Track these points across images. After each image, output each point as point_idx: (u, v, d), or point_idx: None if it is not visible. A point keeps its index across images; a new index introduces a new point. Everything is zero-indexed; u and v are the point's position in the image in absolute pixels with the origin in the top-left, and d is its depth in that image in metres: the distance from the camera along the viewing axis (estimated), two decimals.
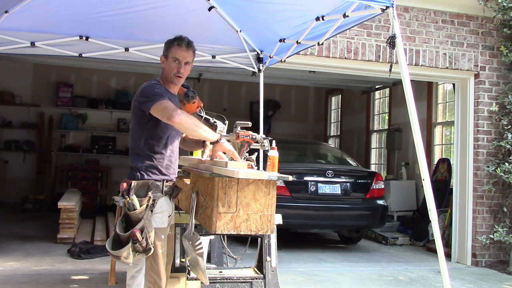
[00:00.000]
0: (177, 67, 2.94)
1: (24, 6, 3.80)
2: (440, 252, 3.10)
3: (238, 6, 4.24)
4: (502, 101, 6.57)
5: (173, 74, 2.95)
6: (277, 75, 8.41)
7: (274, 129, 12.11)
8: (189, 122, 2.72)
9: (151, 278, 2.77)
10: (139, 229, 2.66)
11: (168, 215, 2.95)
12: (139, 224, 2.68)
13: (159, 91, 2.81)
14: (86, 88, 11.23)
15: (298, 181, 6.72)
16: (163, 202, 2.86)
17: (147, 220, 2.71)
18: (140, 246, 2.67)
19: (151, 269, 2.78)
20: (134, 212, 2.71)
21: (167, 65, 2.96)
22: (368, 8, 3.39)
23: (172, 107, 2.72)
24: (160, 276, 2.78)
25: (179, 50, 2.93)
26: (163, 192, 2.86)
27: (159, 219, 2.81)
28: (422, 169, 3.17)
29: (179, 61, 2.93)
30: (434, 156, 8.64)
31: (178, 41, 2.94)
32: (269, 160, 3.01)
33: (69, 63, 8.04)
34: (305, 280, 5.33)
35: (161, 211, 2.83)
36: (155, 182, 2.84)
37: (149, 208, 2.74)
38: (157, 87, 2.85)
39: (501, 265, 6.46)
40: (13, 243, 6.46)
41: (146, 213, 2.72)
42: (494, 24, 6.66)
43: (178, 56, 2.93)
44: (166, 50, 2.97)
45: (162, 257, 2.80)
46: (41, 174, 10.43)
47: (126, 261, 2.71)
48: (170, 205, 2.96)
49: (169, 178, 2.91)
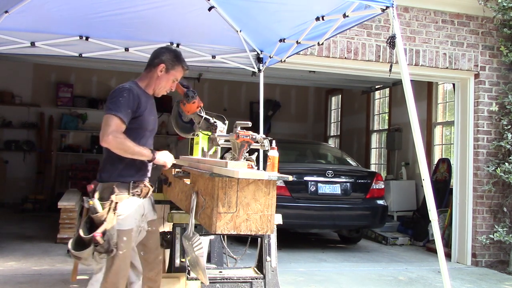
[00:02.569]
0: (172, 86, 3.01)
1: (24, 6, 3.80)
2: (440, 252, 3.10)
3: (238, 6, 4.24)
4: (502, 101, 6.57)
5: (165, 89, 3.01)
6: (277, 75, 8.41)
7: (274, 129, 12.12)
8: (118, 149, 2.73)
9: (109, 278, 2.79)
10: (101, 232, 2.68)
11: (141, 214, 2.93)
12: (101, 227, 2.70)
13: (121, 102, 2.76)
14: (86, 88, 11.23)
15: (298, 181, 6.72)
16: (129, 203, 2.85)
17: (109, 223, 2.73)
18: (102, 248, 2.70)
19: (109, 269, 2.80)
20: (96, 215, 2.73)
21: (165, 78, 2.97)
22: (368, 8, 3.39)
23: (111, 129, 2.69)
24: (118, 276, 2.79)
25: (182, 73, 3.01)
26: (130, 193, 2.86)
27: (122, 221, 2.80)
28: (422, 169, 3.17)
29: (175, 82, 3.01)
30: (434, 156, 8.64)
31: (185, 65, 3.01)
32: (269, 160, 3.01)
33: (69, 63, 8.04)
34: (305, 280, 5.34)
35: (125, 213, 2.82)
36: (121, 184, 2.84)
37: (112, 211, 2.75)
38: (123, 96, 2.79)
39: (501, 265, 6.45)
40: (13, 243, 6.46)
41: (108, 216, 2.73)
42: (494, 24, 6.66)
43: (179, 77, 3.01)
44: (171, 65, 2.96)
45: (122, 258, 2.80)
46: (41, 174, 10.43)
47: (86, 262, 2.77)
48: (141, 205, 2.94)
49: (137, 179, 2.91)
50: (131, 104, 2.79)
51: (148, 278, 3.05)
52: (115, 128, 2.71)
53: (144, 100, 2.90)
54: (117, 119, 2.72)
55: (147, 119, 2.92)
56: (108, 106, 2.77)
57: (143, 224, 2.99)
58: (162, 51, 3.02)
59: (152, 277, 3.06)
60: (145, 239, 3.03)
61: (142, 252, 3.04)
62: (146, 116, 2.90)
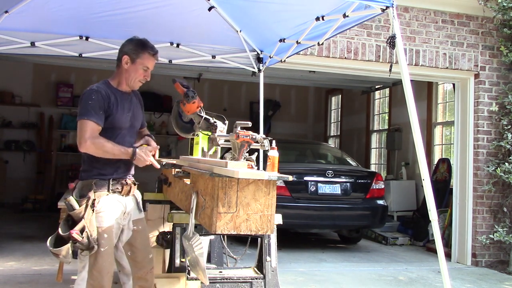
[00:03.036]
0: (144, 74, 2.95)
1: (24, 6, 3.80)
2: (440, 252, 3.10)
3: (238, 6, 4.24)
4: (502, 101, 6.57)
5: (138, 79, 2.95)
6: (277, 75, 8.40)
7: (274, 129, 12.11)
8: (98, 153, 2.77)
9: (93, 275, 2.80)
10: (79, 229, 2.70)
11: (122, 211, 2.93)
12: (78, 224, 2.73)
13: (90, 105, 2.79)
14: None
15: (298, 181, 6.72)
16: (108, 200, 2.85)
17: (88, 219, 2.74)
18: (82, 245, 2.72)
19: (93, 267, 2.81)
20: (74, 212, 2.76)
21: (132, 69, 2.93)
22: (368, 8, 3.39)
23: (87, 134, 2.73)
24: (102, 273, 2.79)
25: (151, 60, 2.94)
26: (110, 190, 2.87)
27: (101, 218, 2.80)
28: (422, 169, 3.17)
29: (148, 70, 2.95)
30: (434, 156, 8.64)
31: (151, 50, 2.94)
32: (269, 160, 3.01)
33: (69, 63, 8.04)
34: (305, 280, 5.33)
35: (104, 210, 2.82)
36: (100, 181, 2.85)
37: (90, 208, 2.77)
38: (92, 99, 2.81)
39: (501, 265, 6.45)
40: (13, 243, 6.46)
41: (86, 213, 2.75)
42: (494, 24, 6.66)
43: (149, 65, 2.94)
44: (135, 54, 2.92)
45: (105, 255, 2.80)
46: (41, 174, 10.42)
47: (65, 259, 2.79)
48: (121, 202, 2.93)
49: (116, 177, 2.91)
50: (101, 104, 2.81)
51: (138, 277, 3.04)
52: (90, 132, 2.75)
53: (114, 99, 2.89)
54: (91, 122, 2.76)
55: (119, 118, 2.89)
56: (79, 111, 2.80)
57: (125, 222, 2.98)
58: (125, 43, 3.00)
59: (142, 276, 3.04)
60: (132, 238, 3.02)
61: (129, 252, 3.03)
62: (118, 115, 2.88)
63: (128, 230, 3.01)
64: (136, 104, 3.09)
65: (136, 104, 3.09)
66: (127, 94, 3.01)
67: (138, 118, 3.11)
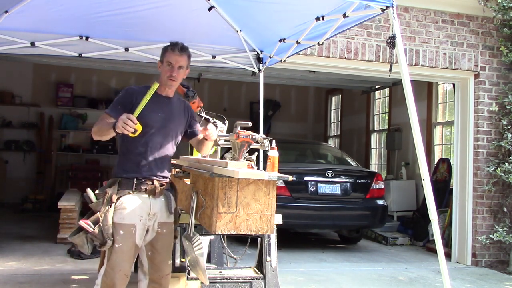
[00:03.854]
0: (170, 71, 3.01)
1: (24, 6, 3.80)
2: (440, 252, 3.10)
3: (238, 6, 4.24)
4: (502, 101, 6.57)
5: (166, 77, 3.02)
6: (277, 75, 8.40)
7: (274, 129, 12.11)
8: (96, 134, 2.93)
9: (106, 271, 2.87)
10: (91, 221, 2.80)
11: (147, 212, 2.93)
12: (92, 216, 2.83)
13: (116, 99, 3.02)
14: (86, 88, 11.23)
15: (298, 181, 6.71)
16: (130, 199, 2.88)
17: (102, 213, 2.81)
18: (95, 238, 2.81)
19: (107, 263, 2.88)
20: (92, 205, 2.87)
21: (162, 69, 3.06)
22: (368, 8, 3.39)
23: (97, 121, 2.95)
24: (114, 270, 2.83)
25: (173, 55, 3.02)
26: (133, 190, 2.89)
27: (120, 215, 2.84)
28: (422, 169, 3.17)
29: (172, 65, 3.01)
30: (434, 156, 8.64)
31: (172, 46, 3.05)
32: (269, 160, 3.02)
33: (69, 63, 8.04)
34: (305, 280, 5.34)
35: (125, 207, 2.85)
36: (124, 180, 2.91)
37: (107, 203, 2.83)
38: (118, 96, 3.05)
39: (501, 265, 6.46)
40: (13, 243, 6.46)
41: (103, 207, 2.82)
42: (494, 24, 6.66)
43: (171, 60, 3.01)
44: (162, 55, 3.08)
45: (119, 252, 2.83)
46: (41, 174, 10.42)
47: (82, 249, 2.92)
48: (147, 203, 2.94)
49: (141, 176, 2.93)
50: (121, 100, 2.99)
51: (152, 279, 3.05)
52: (100, 119, 2.95)
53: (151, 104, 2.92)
54: (104, 113, 2.96)
55: (144, 115, 2.90)
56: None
57: (150, 223, 2.98)
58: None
59: (156, 279, 3.04)
60: (154, 240, 3.02)
61: (149, 252, 3.03)
62: (145, 113, 2.90)
63: (152, 232, 3.00)
64: (176, 109, 3.11)
65: (176, 110, 3.11)
66: (165, 98, 3.07)
67: (173, 123, 3.09)
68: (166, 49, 3.07)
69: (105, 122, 2.90)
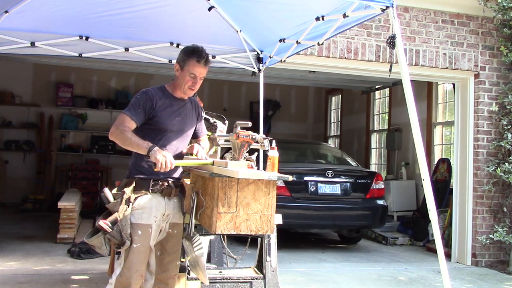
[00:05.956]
0: (192, 82, 2.96)
1: (24, 6, 3.79)
2: (440, 252, 3.10)
3: (238, 6, 4.24)
4: (502, 101, 6.57)
5: (187, 86, 2.97)
6: (277, 75, 8.41)
7: (274, 129, 12.12)
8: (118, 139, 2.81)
9: (122, 271, 2.84)
10: (109, 221, 2.76)
11: (162, 213, 2.94)
12: (111, 216, 2.79)
13: (132, 102, 2.90)
14: (86, 88, 11.23)
15: (298, 181, 6.71)
16: (147, 200, 2.88)
17: (120, 213, 2.79)
18: (113, 238, 2.78)
19: (124, 263, 2.86)
20: (109, 205, 2.83)
21: (181, 76, 2.96)
22: (368, 8, 3.39)
23: (117, 122, 2.83)
24: (131, 270, 2.82)
25: (198, 67, 2.92)
26: (149, 190, 2.89)
27: (138, 215, 2.84)
28: (422, 169, 3.17)
29: (195, 77, 2.94)
30: (434, 156, 8.64)
31: (197, 57, 2.91)
32: (269, 160, 3.02)
33: (69, 63, 8.04)
34: (305, 280, 5.34)
35: (142, 208, 2.85)
36: (140, 181, 2.89)
37: (125, 203, 2.81)
38: (136, 97, 2.92)
39: (501, 265, 6.46)
40: (13, 243, 6.46)
41: (121, 207, 2.80)
42: (494, 24, 6.66)
43: (195, 72, 2.93)
44: (183, 61, 2.94)
45: (136, 252, 2.83)
46: (41, 174, 10.42)
47: (99, 250, 2.90)
48: (162, 204, 2.94)
49: (157, 177, 2.92)
50: (142, 103, 2.88)
51: (159, 279, 3.06)
52: (120, 121, 2.83)
53: (162, 102, 2.93)
54: (125, 115, 2.84)
55: (164, 120, 2.92)
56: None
57: (163, 224, 2.99)
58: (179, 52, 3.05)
59: (163, 279, 3.05)
60: (164, 240, 3.03)
61: (158, 252, 3.05)
62: (164, 117, 2.91)
63: (163, 232, 3.02)
64: (189, 111, 3.10)
65: (189, 111, 3.10)
66: (180, 100, 3.04)
67: (189, 124, 3.09)
68: (190, 57, 2.91)
69: (136, 139, 2.76)
